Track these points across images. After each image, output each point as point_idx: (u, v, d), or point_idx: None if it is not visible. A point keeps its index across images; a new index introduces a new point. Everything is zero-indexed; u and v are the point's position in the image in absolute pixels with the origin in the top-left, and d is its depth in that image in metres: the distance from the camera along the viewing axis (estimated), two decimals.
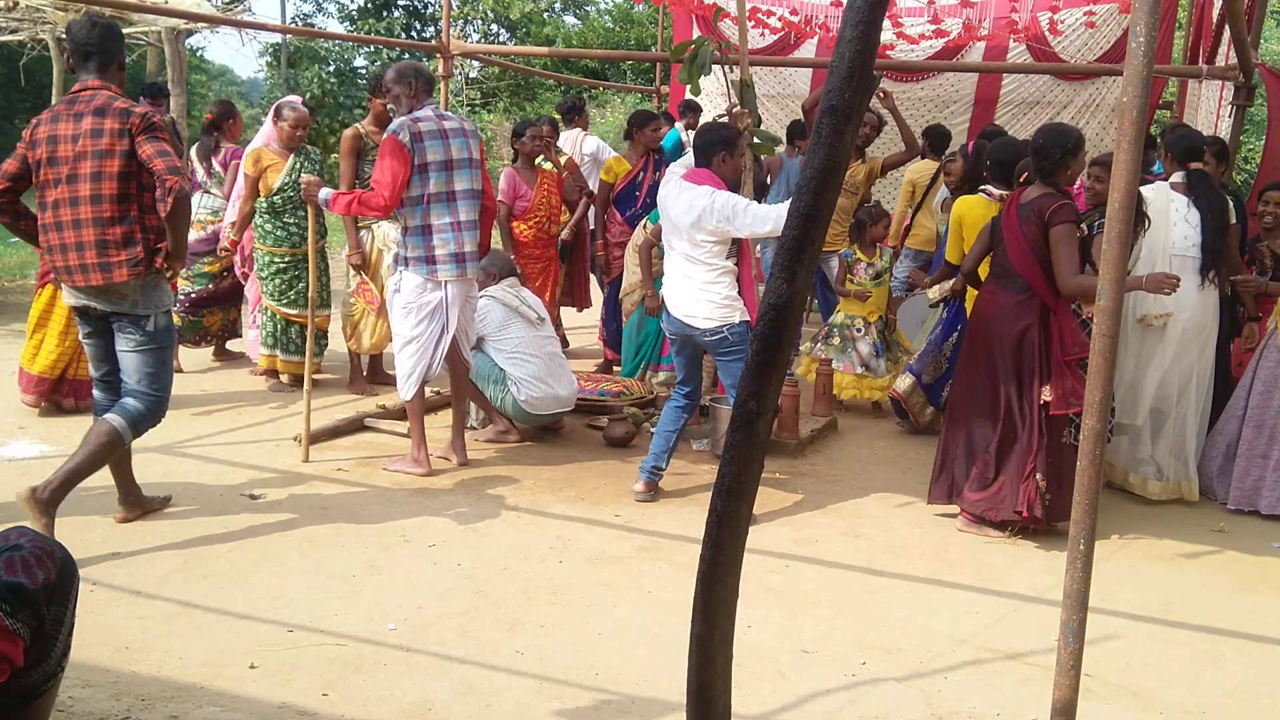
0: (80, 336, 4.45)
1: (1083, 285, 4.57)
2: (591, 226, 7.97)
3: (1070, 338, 4.70)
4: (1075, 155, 4.75)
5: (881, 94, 7.52)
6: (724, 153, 5.01)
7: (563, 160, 7.76)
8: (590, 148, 8.81)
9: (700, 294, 4.93)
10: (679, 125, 9.29)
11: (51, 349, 5.94)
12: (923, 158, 8.17)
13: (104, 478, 4.91)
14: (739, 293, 5.02)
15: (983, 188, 6.22)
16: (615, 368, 7.60)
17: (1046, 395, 4.66)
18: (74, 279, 4.16)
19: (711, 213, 4.81)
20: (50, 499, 4.11)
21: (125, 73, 4.31)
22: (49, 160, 4.13)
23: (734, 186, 5.10)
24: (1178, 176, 5.45)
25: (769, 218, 4.74)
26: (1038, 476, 4.68)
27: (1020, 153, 5.54)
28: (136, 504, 4.57)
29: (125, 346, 4.25)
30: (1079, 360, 4.68)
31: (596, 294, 8.29)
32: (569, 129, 8.92)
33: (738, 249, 5.03)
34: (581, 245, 8.23)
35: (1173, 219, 5.33)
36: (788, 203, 4.71)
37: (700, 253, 4.91)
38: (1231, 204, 5.49)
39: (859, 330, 6.91)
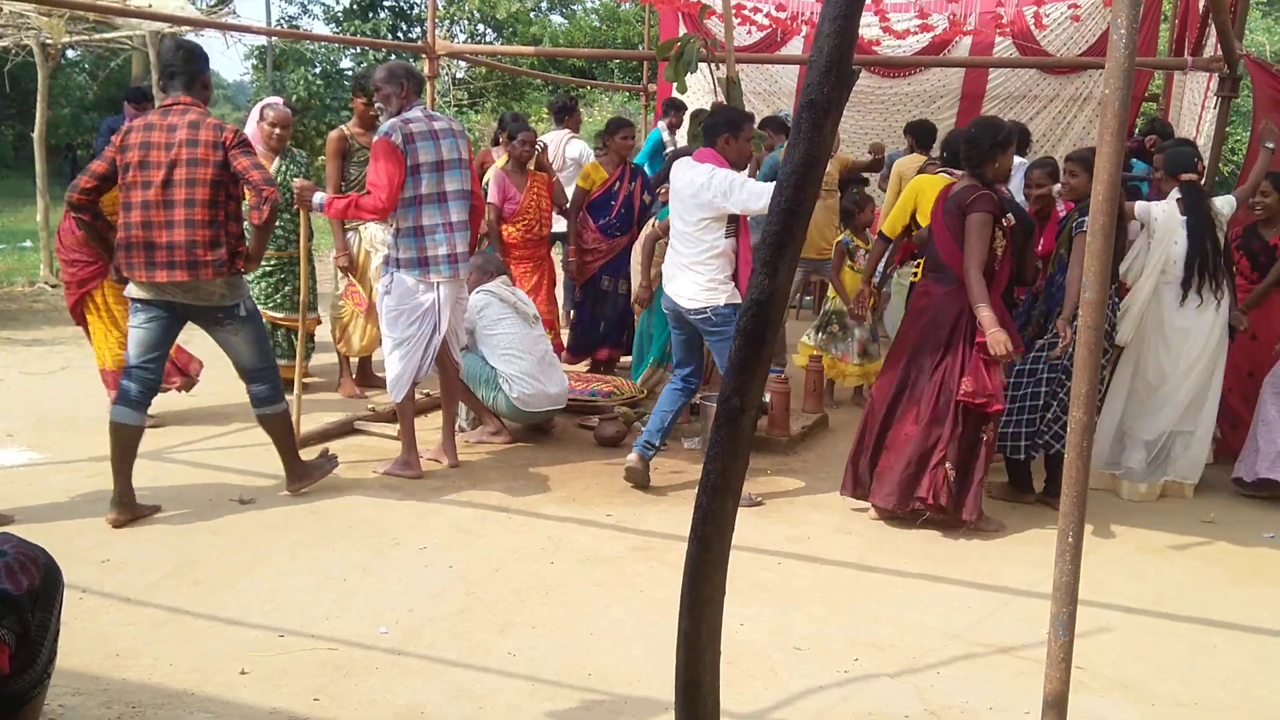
0: (134, 323, 4.61)
1: (976, 285, 4.58)
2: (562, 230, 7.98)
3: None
4: (1004, 149, 4.74)
5: (874, 153, 7.63)
6: (727, 134, 5.06)
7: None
8: (574, 152, 8.78)
9: (689, 273, 5.02)
10: (661, 125, 9.28)
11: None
12: (910, 151, 8.19)
13: (96, 483, 4.90)
14: (733, 276, 5.06)
15: (944, 168, 6.32)
16: (610, 371, 7.61)
17: (966, 385, 4.65)
18: (155, 274, 4.47)
19: (709, 188, 4.89)
20: (299, 477, 4.94)
21: (210, 90, 4.70)
22: (140, 164, 4.45)
23: (739, 169, 5.17)
24: (1176, 193, 5.50)
25: (764, 193, 4.81)
26: (947, 465, 4.68)
27: None
28: (128, 508, 4.56)
29: (231, 336, 4.69)
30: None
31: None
32: (558, 128, 8.88)
33: (736, 230, 5.06)
34: None
35: (1177, 238, 5.38)
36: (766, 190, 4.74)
37: (696, 230, 4.99)
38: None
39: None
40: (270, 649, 3.47)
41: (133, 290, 4.58)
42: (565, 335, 7.81)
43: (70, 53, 19.96)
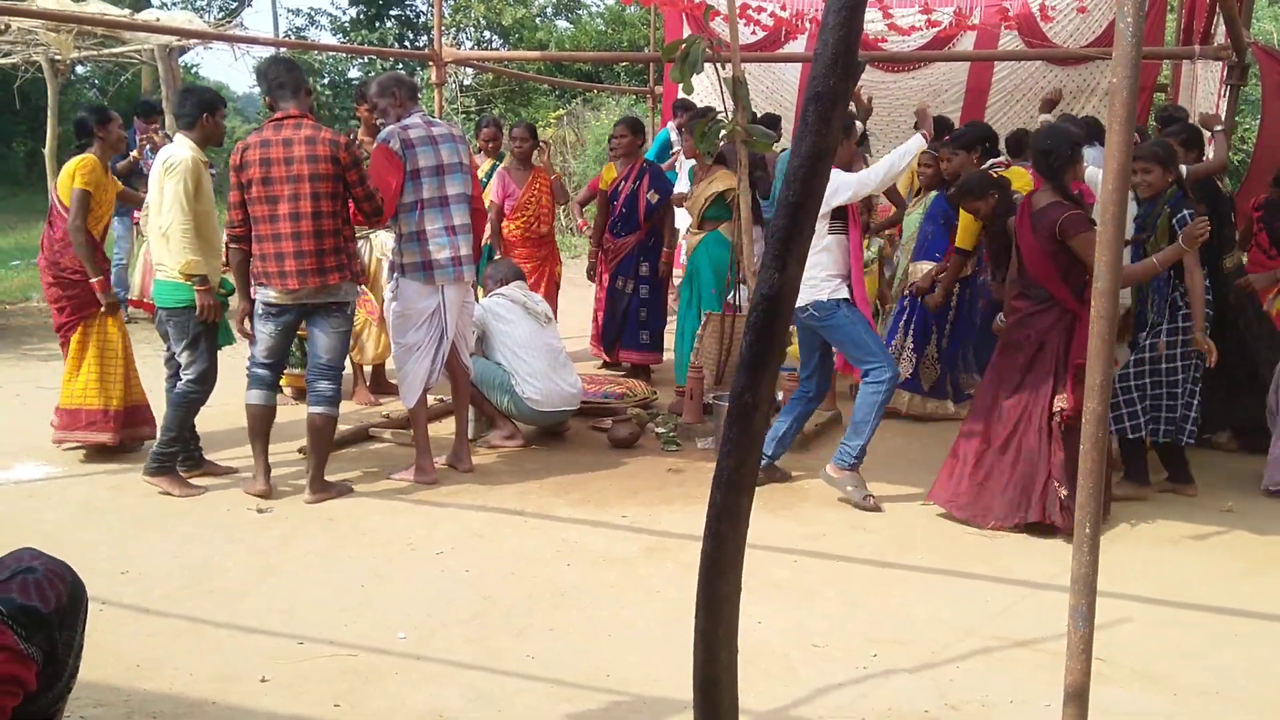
0: (265, 330, 4.97)
1: (1134, 272, 4.69)
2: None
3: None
4: (1080, 152, 4.76)
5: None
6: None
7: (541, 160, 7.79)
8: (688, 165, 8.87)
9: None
10: (670, 125, 9.30)
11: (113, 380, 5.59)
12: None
13: (112, 495, 4.93)
14: (841, 271, 5.09)
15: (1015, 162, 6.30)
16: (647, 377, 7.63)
17: (1060, 403, 4.63)
18: (287, 282, 4.82)
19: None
20: (320, 489, 5.00)
21: (311, 97, 5.02)
22: (263, 180, 4.76)
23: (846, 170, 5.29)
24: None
25: (875, 170, 5.02)
26: (1055, 484, 4.61)
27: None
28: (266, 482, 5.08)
29: (330, 329, 5.00)
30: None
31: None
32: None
33: (845, 226, 5.12)
34: None
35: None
36: (891, 155, 4.98)
37: None
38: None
39: None
40: (289, 657, 3.48)
41: (267, 295, 4.90)
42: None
43: (80, 68, 20.05)
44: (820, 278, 4.99)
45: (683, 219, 7.50)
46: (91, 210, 5.40)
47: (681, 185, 8.09)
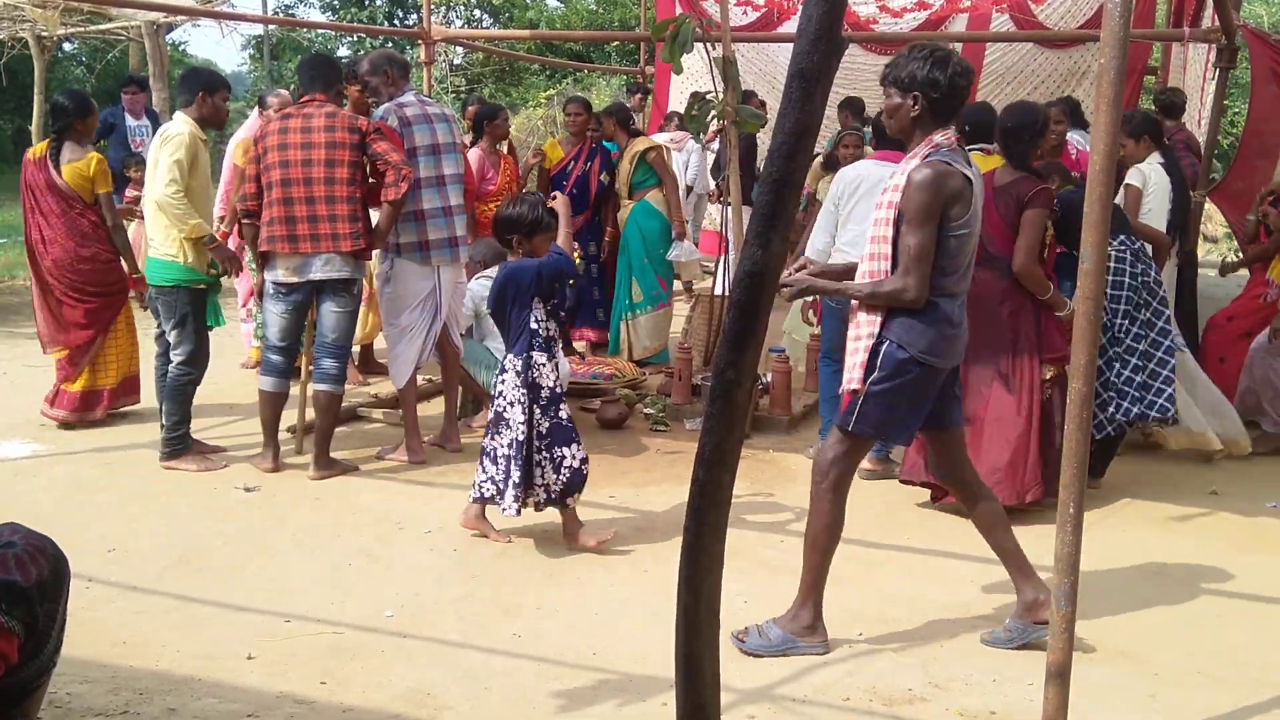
0: (275, 310, 5.01)
1: (1032, 274, 4.57)
2: None
3: (1055, 325, 4.66)
4: (1045, 133, 4.80)
5: None
6: None
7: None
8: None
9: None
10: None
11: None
12: None
13: (99, 474, 4.91)
14: None
15: (979, 146, 6.27)
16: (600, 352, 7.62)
17: (1048, 374, 4.65)
18: (300, 246, 4.84)
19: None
20: (324, 464, 5.02)
21: (343, 97, 5.21)
22: (279, 147, 4.84)
23: None
24: (1158, 156, 5.58)
25: None
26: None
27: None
28: (278, 459, 5.14)
29: (336, 308, 5.01)
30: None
31: None
32: None
33: None
34: None
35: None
36: None
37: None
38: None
39: None
40: (276, 634, 3.48)
41: (276, 275, 4.91)
42: None
43: (67, 45, 19.92)
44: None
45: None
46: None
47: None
